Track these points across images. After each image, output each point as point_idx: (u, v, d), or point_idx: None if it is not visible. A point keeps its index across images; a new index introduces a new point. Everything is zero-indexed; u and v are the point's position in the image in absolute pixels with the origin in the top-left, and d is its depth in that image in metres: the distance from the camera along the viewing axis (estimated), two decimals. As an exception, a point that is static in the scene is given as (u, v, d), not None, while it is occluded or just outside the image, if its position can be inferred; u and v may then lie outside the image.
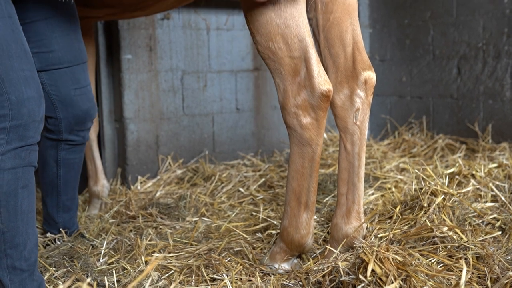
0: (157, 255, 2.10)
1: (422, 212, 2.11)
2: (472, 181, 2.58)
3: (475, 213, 2.18)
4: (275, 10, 1.70)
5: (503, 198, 2.32)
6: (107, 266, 2.01)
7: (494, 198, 2.40)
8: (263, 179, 2.96)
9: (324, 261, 1.86)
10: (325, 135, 3.79)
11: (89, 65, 2.72)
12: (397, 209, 2.20)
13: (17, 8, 1.81)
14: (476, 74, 3.60)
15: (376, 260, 1.52)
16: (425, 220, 2.01)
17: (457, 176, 2.73)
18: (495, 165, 2.91)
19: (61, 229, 2.29)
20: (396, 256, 1.56)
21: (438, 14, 3.79)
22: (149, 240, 2.22)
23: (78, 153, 2.25)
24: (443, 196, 2.16)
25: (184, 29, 3.25)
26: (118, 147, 3.18)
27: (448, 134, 3.76)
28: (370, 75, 1.91)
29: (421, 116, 3.92)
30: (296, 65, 1.75)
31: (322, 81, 1.74)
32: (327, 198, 2.64)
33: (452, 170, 2.87)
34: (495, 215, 2.18)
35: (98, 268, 1.98)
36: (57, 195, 2.25)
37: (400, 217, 2.14)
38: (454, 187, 2.47)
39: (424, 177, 2.27)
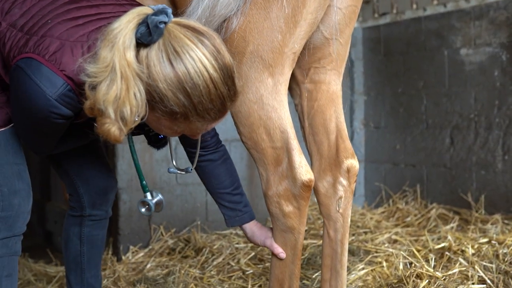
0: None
1: (407, 296, 2.12)
2: (460, 259, 2.59)
3: (461, 297, 2.18)
4: (257, 103, 1.76)
5: (488, 281, 2.32)
6: None
7: (482, 279, 2.40)
8: (253, 252, 2.96)
9: None
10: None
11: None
12: (383, 292, 2.21)
13: None
14: (469, 145, 3.64)
15: None
16: (409, 307, 2.02)
17: (447, 253, 2.74)
18: (485, 240, 2.92)
19: None
20: None
21: (430, 84, 3.86)
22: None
23: (102, 229, 2.25)
24: (427, 280, 2.16)
25: (178, 100, 3.32)
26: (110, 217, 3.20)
27: (442, 204, 3.77)
28: (352, 164, 1.94)
29: (415, 184, 3.94)
30: (278, 155, 1.80)
31: (304, 171, 1.78)
32: (316, 274, 2.64)
33: (442, 245, 2.88)
34: (480, 299, 2.18)
35: None
36: (81, 272, 2.23)
37: (385, 301, 2.15)
38: (440, 268, 2.47)
39: (408, 257, 2.28)
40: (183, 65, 1.43)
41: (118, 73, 1.42)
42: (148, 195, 2.00)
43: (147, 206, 1.99)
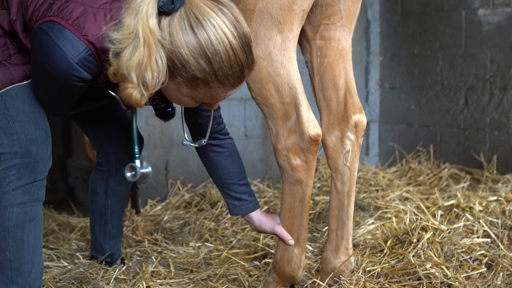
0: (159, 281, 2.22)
1: (411, 247, 2.20)
2: (467, 215, 2.66)
3: (464, 249, 2.25)
4: (266, 59, 1.82)
5: (492, 235, 2.39)
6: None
7: (487, 233, 2.47)
8: (266, 206, 3.07)
9: (311, 294, 1.97)
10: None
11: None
12: (388, 243, 2.30)
13: None
14: (483, 106, 3.67)
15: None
16: (412, 256, 2.10)
17: (455, 209, 2.81)
18: (494, 198, 2.97)
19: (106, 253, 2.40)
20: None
21: (447, 45, 3.87)
22: (154, 267, 2.34)
23: (127, 184, 2.37)
24: (432, 232, 2.24)
25: (195, 59, 3.39)
26: (129, 172, 3.32)
27: (454, 164, 3.82)
28: (360, 119, 2.00)
29: (429, 144, 3.99)
30: (287, 110, 1.87)
31: (311, 126, 1.86)
32: (326, 228, 2.73)
33: (451, 202, 2.95)
34: (483, 251, 2.25)
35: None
36: (105, 223, 2.37)
37: (390, 251, 2.23)
38: (445, 222, 2.55)
39: (415, 212, 2.36)
40: (205, 32, 1.51)
41: (141, 39, 1.50)
42: (138, 162, 2.00)
43: (133, 172, 1.98)
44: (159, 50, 1.52)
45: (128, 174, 1.99)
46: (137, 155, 2.03)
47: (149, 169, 2.02)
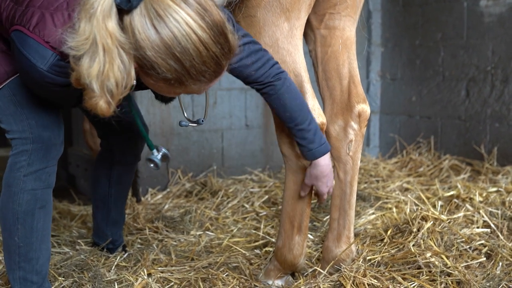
0: (160, 268, 2.23)
1: (411, 236, 2.21)
2: (467, 205, 2.66)
3: (464, 239, 2.26)
4: (273, 47, 1.82)
5: (492, 225, 2.40)
6: (116, 277, 2.14)
7: (487, 223, 2.48)
8: (267, 196, 3.07)
9: (312, 281, 1.97)
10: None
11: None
12: (388, 232, 2.30)
13: None
14: (484, 97, 3.67)
15: (353, 285, 1.62)
16: (412, 246, 2.11)
17: (455, 200, 2.82)
18: (494, 189, 2.98)
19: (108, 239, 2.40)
20: (373, 281, 1.66)
21: (448, 36, 3.86)
22: (155, 255, 2.35)
23: (130, 172, 2.36)
24: (432, 221, 2.25)
25: (196, 48, 3.38)
26: (130, 160, 3.32)
27: (455, 155, 3.83)
28: (364, 108, 2.01)
29: (429, 136, 4.00)
30: (291, 98, 1.86)
31: (316, 114, 1.86)
32: (326, 217, 2.74)
33: (451, 193, 2.96)
34: (483, 241, 2.26)
35: (107, 279, 2.11)
36: (107, 210, 2.36)
37: (390, 240, 2.24)
38: (445, 212, 2.56)
39: (416, 202, 2.37)
40: (168, 29, 1.35)
41: (100, 45, 1.35)
42: (155, 151, 2.00)
43: (154, 162, 2.00)
44: (121, 54, 1.37)
45: (151, 165, 2.01)
46: (152, 146, 2.01)
47: (164, 150, 2.03)
